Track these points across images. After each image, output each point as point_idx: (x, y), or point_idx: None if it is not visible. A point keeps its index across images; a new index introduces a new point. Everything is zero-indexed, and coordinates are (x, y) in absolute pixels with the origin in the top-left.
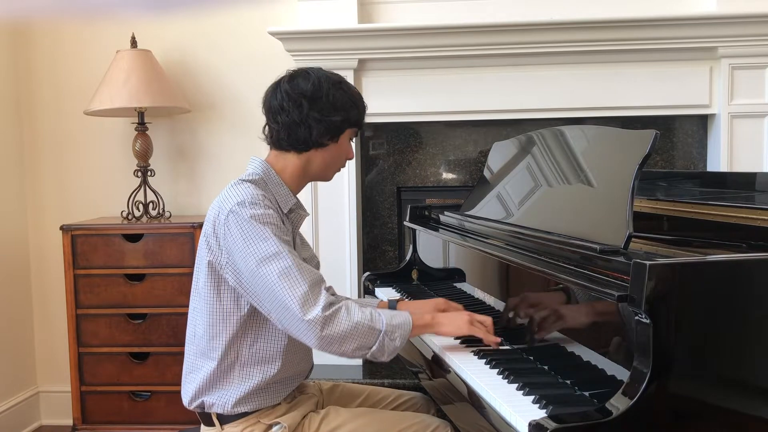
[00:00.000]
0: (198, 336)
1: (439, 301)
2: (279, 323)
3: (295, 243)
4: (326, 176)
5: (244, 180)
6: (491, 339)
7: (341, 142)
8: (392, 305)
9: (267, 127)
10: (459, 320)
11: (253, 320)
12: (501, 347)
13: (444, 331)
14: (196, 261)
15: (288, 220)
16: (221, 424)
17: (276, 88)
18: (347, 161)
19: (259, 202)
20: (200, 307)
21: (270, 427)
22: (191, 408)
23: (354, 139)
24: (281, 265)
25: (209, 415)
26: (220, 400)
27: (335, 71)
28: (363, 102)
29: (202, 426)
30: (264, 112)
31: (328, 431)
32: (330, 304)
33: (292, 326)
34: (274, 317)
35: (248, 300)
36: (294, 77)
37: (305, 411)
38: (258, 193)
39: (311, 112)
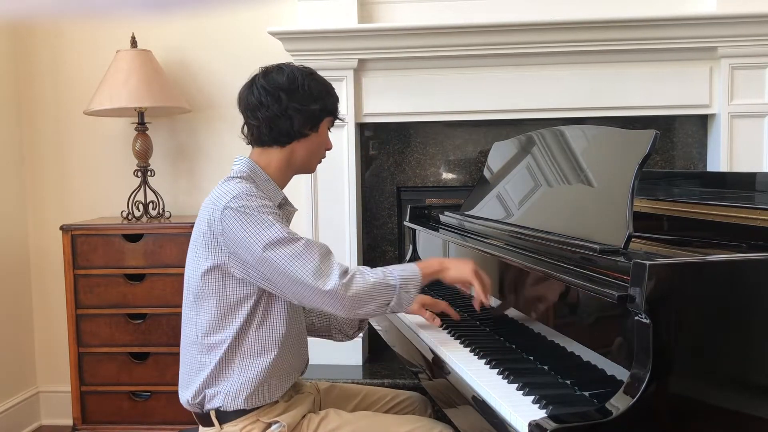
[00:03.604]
0: (201, 335)
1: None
2: (297, 299)
3: None
4: (310, 167)
5: (232, 177)
6: (482, 297)
7: (321, 131)
8: None
9: (246, 126)
10: (465, 268)
11: (257, 311)
12: (500, 345)
13: (450, 275)
14: (187, 264)
15: (283, 211)
16: (220, 423)
17: (251, 85)
18: (327, 151)
19: (254, 194)
20: (204, 307)
21: (269, 425)
22: (190, 405)
23: (331, 129)
24: (291, 248)
25: (207, 415)
26: (220, 394)
27: (335, 71)
28: (335, 91)
29: (200, 428)
30: (241, 111)
31: None
32: (344, 272)
33: (312, 299)
34: (291, 295)
35: (259, 285)
36: (268, 72)
37: (304, 411)
38: (250, 186)
39: (290, 103)
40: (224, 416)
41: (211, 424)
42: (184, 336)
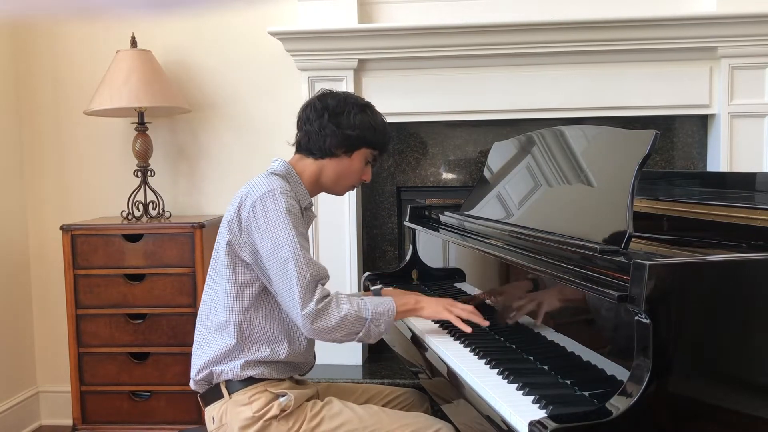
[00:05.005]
0: (213, 312)
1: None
2: (282, 304)
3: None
4: (337, 189)
5: (273, 173)
6: (463, 327)
7: (354, 158)
8: (376, 293)
9: (296, 135)
10: (439, 306)
11: (264, 299)
12: (500, 345)
13: (424, 315)
14: (216, 241)
15: (305, 215)
16: (229, 393)
17: (309, 102)
18: (362, 181)
19: (287, 193)
20: (219, 284)
21: (276, 396)
22: (197, 379)
23: (373, 165)
24: (294, 255)
25: (217, 387)
26: (229, 367)
27: (335, 71)
28: (385, 129)
29: (206, 410)
30: (296, 122)
31: (329, 416)
32: (322, 298)
33: (291, 313)
34: (279, 298)
35: (258, 275)
36: (325, 94)
37: (309, 394)
38: (286, 185)
39: (329, 123)
40: (232, 386)
41: (220, 397)
42: (200, 310)
